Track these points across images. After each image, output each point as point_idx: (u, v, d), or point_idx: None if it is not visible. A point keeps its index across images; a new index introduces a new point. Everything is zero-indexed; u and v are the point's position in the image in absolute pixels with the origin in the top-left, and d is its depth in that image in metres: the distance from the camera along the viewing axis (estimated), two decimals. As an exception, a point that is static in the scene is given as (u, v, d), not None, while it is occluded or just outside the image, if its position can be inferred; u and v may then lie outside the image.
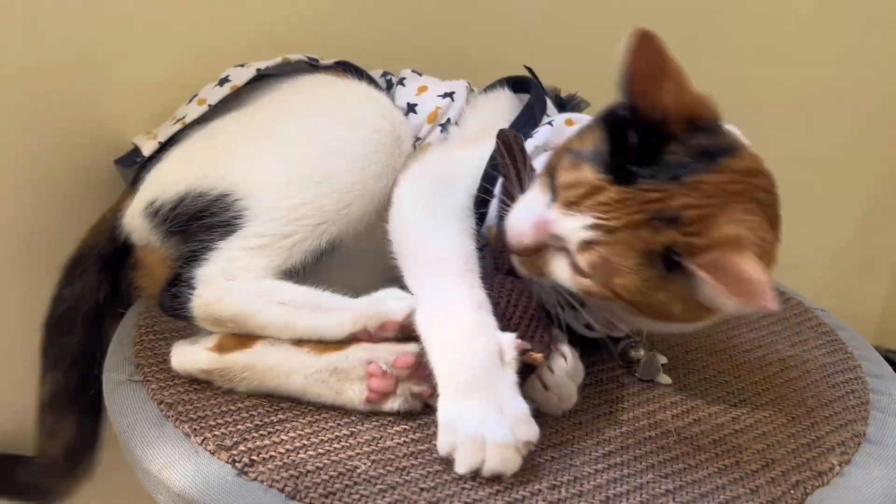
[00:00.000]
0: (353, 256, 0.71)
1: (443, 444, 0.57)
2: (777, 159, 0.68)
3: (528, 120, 0.78)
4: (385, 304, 0.63)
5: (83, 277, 0.77)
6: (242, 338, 0.65)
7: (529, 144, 0.74)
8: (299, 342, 0.64)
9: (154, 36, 0.85)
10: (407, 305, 0.62)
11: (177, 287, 0.66)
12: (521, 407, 0.58)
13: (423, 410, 0.63)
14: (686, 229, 0.58)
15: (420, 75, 0.86)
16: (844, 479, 0.62)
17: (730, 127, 0.66)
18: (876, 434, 0.68)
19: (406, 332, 0.63)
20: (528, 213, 0.63)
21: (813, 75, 1.37)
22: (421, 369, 0.62)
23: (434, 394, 0.60)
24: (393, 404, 0.63)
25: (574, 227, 0.60)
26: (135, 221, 0.73)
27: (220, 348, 0.65)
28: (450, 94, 0.82)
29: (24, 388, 0.89)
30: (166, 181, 0.72)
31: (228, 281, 0.65)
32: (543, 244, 0.63)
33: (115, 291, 0.78)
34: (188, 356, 0.66)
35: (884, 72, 1.48)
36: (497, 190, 0.71)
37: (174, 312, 0.66)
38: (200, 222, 0.68)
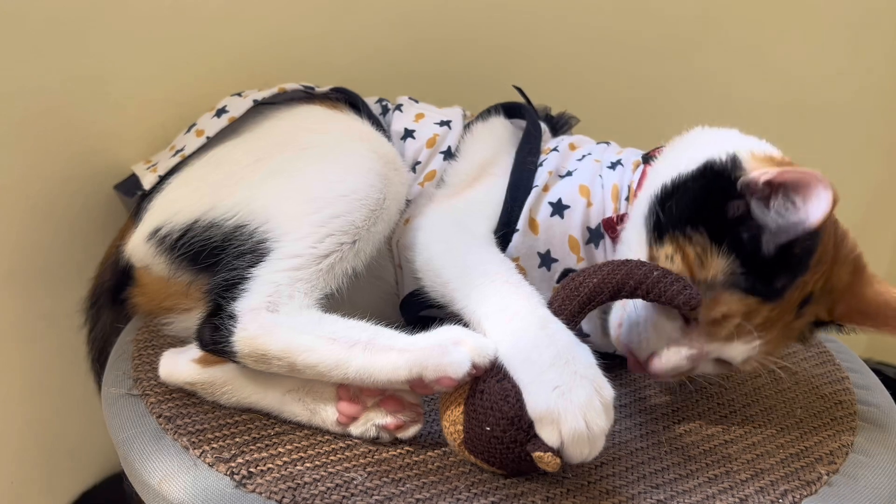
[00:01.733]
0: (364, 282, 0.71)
1: (550, 438, 0.55)
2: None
3: (531, 149, 0.78)
4: (447, 353, 0.58)
5: (102, 315, 0.80)
6: None
7: (542, 172, 0.75)
8: None
9: (151, 56, 0.86)
10: (469, 358, 0.58)
11: (218, 319, 0.63)
12: (610, 391, 0.57)
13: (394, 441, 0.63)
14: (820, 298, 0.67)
15: (416, 102, 0.86)
16: (832, 489, 0.63)
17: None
18: (863, 444, 0.69)
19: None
20: (678, 351, 0.66)
21: (806, 83, 1.38)
22: (391, 401, 0.62)
23: (401, 426, 0.62)
24: (355, 430, 0.63)
25: (741, 351, 0.66)
26: (137, 248, 0.73)
27: (204, 361, 0.66)
28: (447, 123, 0.82)
29: (18, 400, 0.90)
30: (172, 210, 0.72)
31: (273, 313, 0.62)
32: None
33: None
34: (174, 367, 0.67)
35: (877, 82, 1.48)
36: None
37: (214, 347, 0.63)
38: (227, 251, 0.67)
